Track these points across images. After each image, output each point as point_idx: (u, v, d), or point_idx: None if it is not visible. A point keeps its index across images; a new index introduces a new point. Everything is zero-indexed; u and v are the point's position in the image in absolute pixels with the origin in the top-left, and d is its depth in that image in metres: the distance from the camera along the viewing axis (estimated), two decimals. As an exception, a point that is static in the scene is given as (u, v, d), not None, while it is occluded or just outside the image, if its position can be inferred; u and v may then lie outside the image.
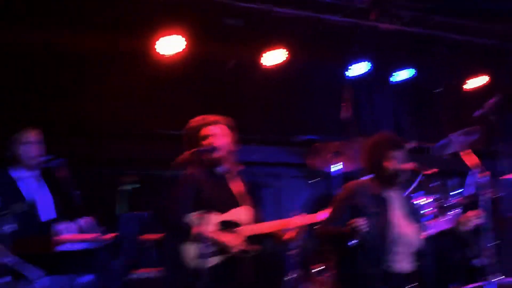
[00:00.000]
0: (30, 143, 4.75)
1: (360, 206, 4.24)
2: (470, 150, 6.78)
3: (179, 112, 7.65)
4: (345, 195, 4.43)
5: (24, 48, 6.81)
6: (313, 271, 7.28)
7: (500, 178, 6.97)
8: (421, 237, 4.36)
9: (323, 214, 4.77)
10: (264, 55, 7.71)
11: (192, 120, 5.01)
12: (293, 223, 4.85)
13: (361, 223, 4.05)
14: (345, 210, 4.34)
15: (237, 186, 4.96)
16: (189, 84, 7.77)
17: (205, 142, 4.82)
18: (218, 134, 4.89)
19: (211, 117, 4.98)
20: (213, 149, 4.74)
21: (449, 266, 6.63)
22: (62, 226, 4.46)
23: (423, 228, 4.50)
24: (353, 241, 4.16)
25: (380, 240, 4.20)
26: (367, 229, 4.05)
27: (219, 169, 4.93)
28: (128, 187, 7.73)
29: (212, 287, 4.17)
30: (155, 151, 7.80)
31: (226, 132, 4.94)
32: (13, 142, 4.77)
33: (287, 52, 7.69)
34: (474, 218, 4.40)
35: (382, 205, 4.32)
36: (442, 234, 4.58)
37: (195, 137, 4.89)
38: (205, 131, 4.89)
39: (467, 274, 5.92)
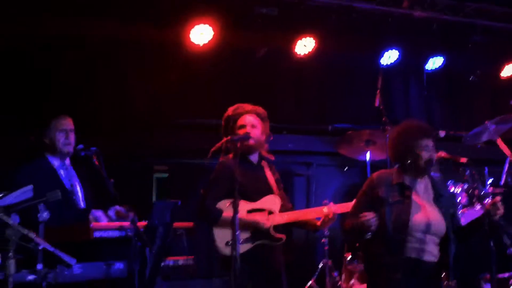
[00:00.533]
0: (66, 131, 4.78)
1: (381, 197, 4.22)
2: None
3: (212, 102, 7.72)
4: (366, 187, 4.42)
5: (57, 39, 6.90)
6: (344, 259, 7.31)
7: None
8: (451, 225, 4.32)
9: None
10: (297, 43, 7.69)
11: (229, 108, 5.06)
12: (324, 212, 4.86)
13: (369, 217, 4.04)
14: (366, 203, 4.33)
15: (270, 175, 5.00)
16: (222, 74, 7.80)
17: (240, 131, 4.86)
18: (253, 123, 4.93)
19: (247, 106, 5.02)
20: (248, 137, 4.77)
21: (479, 255, 6.59)
22: (98, 213, 4.54)
23: (455, 217, 4.47)
24: (368, 234, 4.17)
25: (402, 228, 4.17)
26: (374, 226, 4.03)
27: (252, 158, 4.97)
28: (161, 175, 7.84)
29: (242, 274, 4.19)
30: (187, 140, 7.86)
31: (260, 121, 4.98)
32: (49, 129, 4.78)
33: (320, 41, 7.67)
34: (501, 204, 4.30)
35: (405, 193, 4.29)
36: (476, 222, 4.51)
37: (231, 126, 4.94)
38: (241, 120, 4.94)
39: (499, 263, 5.87)
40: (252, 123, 4.93)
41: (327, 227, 5.17)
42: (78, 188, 4.79)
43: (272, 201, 4.85)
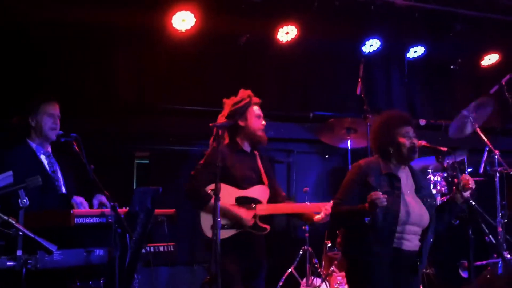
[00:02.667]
0: (55, 116, 4.74)
1: (372, 185, 4.23)
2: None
3: (194, 88, 7.71)
4: (356, 175, 4.39)
5: (41, 23, 6.84)
6: (324, 247, 7.36)
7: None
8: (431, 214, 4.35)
9: None
10: (279, 30, 7.69)
11: (244, 91, 5.05)
12: (309, 209, 4.89)
13: (379, 195, 4.01)
14: (356, 190, 4.32)
15: (261, 165, 5.03)
16: (204, 61, 7.79)
17: (260, 121, 4.95)
18: (260, 114, 4.99)
19: (255, 98, 5.05)
20: (226, 125, 4.79)
21: (459, 243, 6.67)
22: (79, 199, 4.52)
23: (434, 205, 4.50)
24: (369, 217, 4.16)
25: (392, 218, 4.20)
26: (385, 202, 4.03)
27: (245, 147, 4.99)
28: (142, 161, 7.82)
29: (223, 258, 4.22)
30: (169, 126, 7.85)
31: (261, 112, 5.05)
32: (38, 111, 4.72)
33: (302, 28, 7.66)
34: (470, 181, 4.33)
35: (394, 183, 4.31)
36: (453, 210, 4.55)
37: (244, 110, 4.94)
38: (258, 110, 4.98)
39: (477, 251, 5.94)
40: (259, 114, 5.02)
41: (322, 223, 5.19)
42: (59, 175, 4.76)
43: (261, 191, 4.88)
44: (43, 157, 4.71)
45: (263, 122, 5.01)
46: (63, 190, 4.73)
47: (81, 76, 7.33)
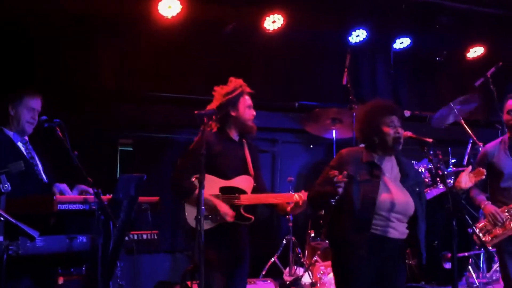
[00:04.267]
0: (34, 111, 4.67)
1: (350, 174, 4.23)
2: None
3: (179, 76, 7.68)
4: (335, 163, 4.38)
5: (26, 11, 6.78)
6: (307, 236, 7.38)
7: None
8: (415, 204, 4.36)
9: None
10: (266, 19, 7.66)
11: (234, 79, 5.00)
12: (295, 199, 4.87)
13: (337, 174, 4.02)
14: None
15: (248, 154, 5.00)
16: (190, 48, 7.75)
17: (248, 111, 4.90)
18: (250, 104, 4.96)
19: (246, 87, 5.00)
20: (213, 113, 4.75)
21: (442, 233, 6.70)
22: (61, 186, 4.48)
23: (423, 194, 4.51)
24: (335, 198, 4.15)
25: (369, 206, 4.20)
26: (343, 182, 4.03)
27: (234, 136, 4.96)
28: (126, 148, 7.78)
29: (207, 248, 4.20)
30: (153, 114, 7.82)
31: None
32: (19, 102, 4.66)
33: (289, 17, 7.64)
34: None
35: (374, 172, 4.31)
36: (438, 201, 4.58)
37: (234, 99, 4.90)
38: (249, 101, 4.95)
39: (461, 242, 5.98)
40: (251, 104, 4.98)
41: (296, 213, 5.18)
42: (38, 162, 4.71)
43: (245, 181, 4.85)
44: (20, 145, 4.65)
45: (254, 113, 4.98)
46: (43, 177, 4.68)
47: (64, 63, 7.26)
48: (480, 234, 5.37)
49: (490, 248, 5.49)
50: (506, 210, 5.39)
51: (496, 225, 5.37)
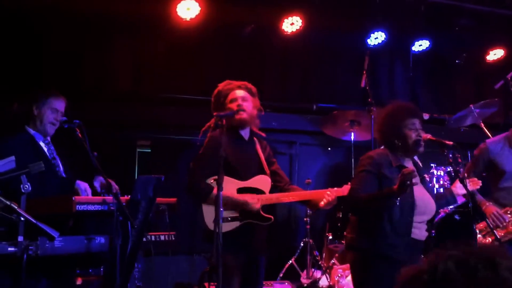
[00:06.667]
0: (58, 112, 4.72)
1: (387, 176, 4.19)
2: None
3: (196, 77, 7.69)
4: (370, 165, 4.31)
5: (47, 9, 6.82)
6: (325, 239, 7.36)
7: None
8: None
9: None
10: (284, 21, 7.65)
11: (219, 84, 5.00)
12: (311, 195, 4.83)
13: (411, 170, 3.97)
14: (372, 179, 4.26)
15: (261, 152, 4.96)
16: (208, 50, 7.77)
17: (232, 105, 4.83)
18: (244, 97, 4.89)
19: (237, 82, 4.98)
20: (234, 113, 4.74)
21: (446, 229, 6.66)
22: (83, 185, 4.50)
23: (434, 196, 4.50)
24: (398, 199, 4.10)
25: (408, 209, 4.17)
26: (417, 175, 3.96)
27: (244, 134, 4.93)
28: (144, 150, 7.80)
29: (225, 252, 4.18)
30: (170, 115, 7.83)
31: (250, 96, 4.95)
32: (44, 102, 4.71)
33: (307, 20, 7.63)
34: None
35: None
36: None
37: (222, 101, 4.89)
38: (232, 94, 4.90)
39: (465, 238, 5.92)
40: (243, 96, 4.89)
41: (327, 208, 5.12)
42: (59, 162, 4.74)
43: (262, 181, 4.81)
44: (42, 144, 4.69)
45: (239, 103, 4.91)
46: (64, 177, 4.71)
47: (82, 64, 7.31)
48: (480, 236, 5.29)
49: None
50: (509, 212, 5.29)
51: (497, 227, 5.27)
